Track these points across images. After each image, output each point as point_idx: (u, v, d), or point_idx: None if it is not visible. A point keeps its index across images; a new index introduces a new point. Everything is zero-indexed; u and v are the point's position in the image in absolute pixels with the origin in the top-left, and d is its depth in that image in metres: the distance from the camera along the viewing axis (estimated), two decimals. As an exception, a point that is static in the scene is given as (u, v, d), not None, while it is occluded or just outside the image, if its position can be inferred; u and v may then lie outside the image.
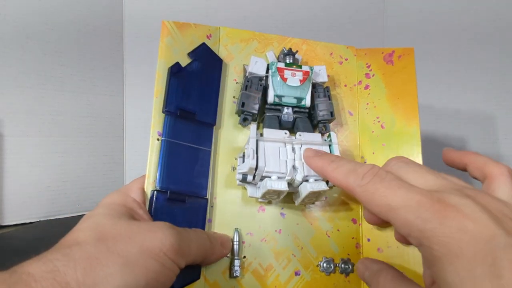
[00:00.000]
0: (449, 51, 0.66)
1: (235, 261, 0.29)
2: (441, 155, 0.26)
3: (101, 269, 0.20)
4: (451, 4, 0.66)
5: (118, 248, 0.22)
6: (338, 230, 0.33)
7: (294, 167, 0.29)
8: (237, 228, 0.30)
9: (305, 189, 0.28)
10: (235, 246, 0.30)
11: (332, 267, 0.31)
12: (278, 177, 0.28)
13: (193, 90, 0.31)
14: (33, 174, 0.56)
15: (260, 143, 0.29)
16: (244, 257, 0.30)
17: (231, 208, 0.31)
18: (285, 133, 0.30)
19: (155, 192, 0.28)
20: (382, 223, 0.26)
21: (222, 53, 0.34)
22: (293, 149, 0.29)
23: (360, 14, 0.69)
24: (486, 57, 0.64)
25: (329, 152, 0.30)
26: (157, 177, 0.29)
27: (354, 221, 0.33)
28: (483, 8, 0.64)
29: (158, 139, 0.29)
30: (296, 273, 0.31)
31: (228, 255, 0.30)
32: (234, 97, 0.33)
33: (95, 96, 0.64)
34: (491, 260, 0.16)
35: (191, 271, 0.28)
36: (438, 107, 0.66)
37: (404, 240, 0.24)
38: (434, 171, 0.22)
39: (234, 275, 0.29)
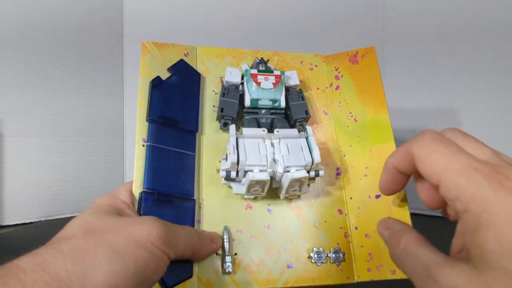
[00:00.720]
0: (448, 51, 0.66)
1: (226, 257, 0.30)
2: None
3: (90, 258, 0.21)
4: (451, 4, 0.66)
5: (106, 239, 0.22)
6: (325, 221, 0.34)
7: (274, 160, 0.30)
8: (226, 226, 0.31)
9: (286, 179, 0.29)
10: (225, 244, 0.30)
11: (323, 257, 0.32)
12: (260, 170, 0.29)
13: (174, 100, 0.34)
14: (33, 174, 0.56)
15: (240, 140, 0.31)
16: (235, 254, 0.31)
17: (219, 208, 0.32)
18: (263, 130, 0.32)
19: (143, 193, 0.29)
20: (441, 205, 0.25)
21: (199, 68, 0.37)
22: (272, 144, 0.31)
23: (360, 14, 0.69)
24: (486, 57, 0.64)
25: (306, 144, 0.31)
26: (144, 179, 0.30)
27: (340, 211, 0.34)
28: (483, 8, 0.64)
29: (143, 145, 0.31)
30: (288, 266, 0.31)
31: (219, 253, 0.30)
32: (214, 106, 0.36)
33: (95, 96, 0.64)
34: None
35: (182, 269, 0.28)
36: (437, 107, 0.66)
37: (453, 214, 0.23)
38: (490, 147, 0.21)
39: (227, 271, 0.30)
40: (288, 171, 0.30)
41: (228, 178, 0.30)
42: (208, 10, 0.68)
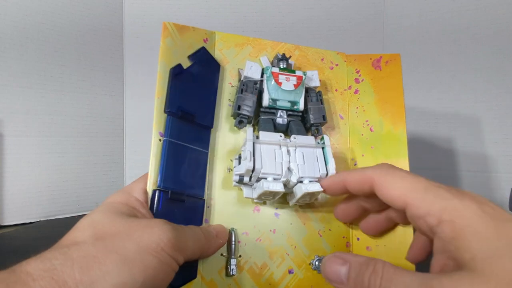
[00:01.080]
0: (449, 51, 0.66)
1: (232, 260, 0.30)
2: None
3: (98, 267, 0.20)
4: (451, 5, 0.66)
5: (116, 246, 0.22)
6: (329, 230, 0.34)
7: (289, 168, 0.30)
8: (233, 228, 0.31)
9: (300, 190, 0.29)
10: (232, 246, 0.30)
11: None
12: (274, 179, 0.29)
13: (193, 92, 0.32)
14: (33, 174, 0.56)
15: (257, 146, 0.30)
16: (240, 256, 0.31)
17: (227, 209, 0.32)
18: (280, 136, 0.31)
19: (157, 191, 0.29)
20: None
21: (217, 56, 0.34)
22: (288, 151, 0.30)
23: (360, 15, 0.69)
24: (486, 58, 0.64)
25: (322, 154, 0.31)
26: (159, 176, 0.29)
27: None
28: (483, 8, 0.64)
29: (160, 140, 0.30)
30: (290, 271, 0.31)
31: (224, 255, 0.30)
32: (229, 100, 0.34)
33: (95, 96, 0.64)
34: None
35: (188, 270, 0.28)
36: (437, 107, 0.66)
37: (422, 253, 0.25)
38: None
39: (231, 273, 0.29)
40: (302, 182, 0.30)
41: (240, 182, 0.30)
42: (208, 10, 0.68)
